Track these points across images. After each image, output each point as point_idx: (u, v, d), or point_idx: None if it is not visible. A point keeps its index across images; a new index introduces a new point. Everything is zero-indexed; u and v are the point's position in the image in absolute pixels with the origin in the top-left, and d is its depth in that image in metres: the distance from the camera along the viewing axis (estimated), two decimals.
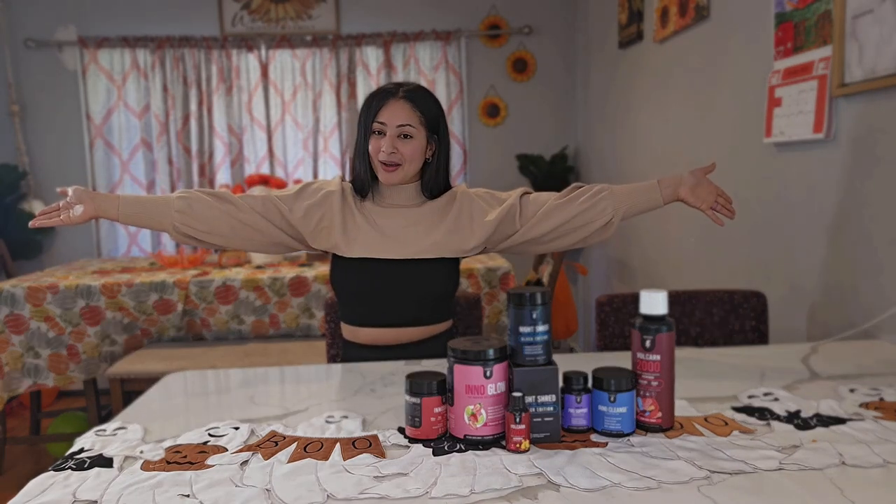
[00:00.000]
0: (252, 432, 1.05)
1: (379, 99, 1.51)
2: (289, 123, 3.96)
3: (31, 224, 1.39)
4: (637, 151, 3.14)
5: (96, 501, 0.85)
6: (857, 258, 1.67)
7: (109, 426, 1.10)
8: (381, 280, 1.52)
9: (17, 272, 3.53)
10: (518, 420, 0.94)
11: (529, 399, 0.97)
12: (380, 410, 1.14)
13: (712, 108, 2.40)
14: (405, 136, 1.49)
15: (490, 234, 1.52)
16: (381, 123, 1.49)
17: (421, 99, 1.52)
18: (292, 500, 0.83)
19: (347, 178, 1.64)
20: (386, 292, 1.53)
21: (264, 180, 2.89)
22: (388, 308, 1.54)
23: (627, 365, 1.05)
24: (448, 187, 1.61)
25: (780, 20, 1.92)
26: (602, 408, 1.00)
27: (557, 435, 0.98)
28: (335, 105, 3.94)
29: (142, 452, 0.99)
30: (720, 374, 1.30)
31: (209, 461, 0.95)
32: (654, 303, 1.01)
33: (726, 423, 1.04)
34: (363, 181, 1.56)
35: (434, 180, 1.57)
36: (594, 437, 1.00)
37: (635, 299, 1.73)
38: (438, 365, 1.37)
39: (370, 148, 1.52)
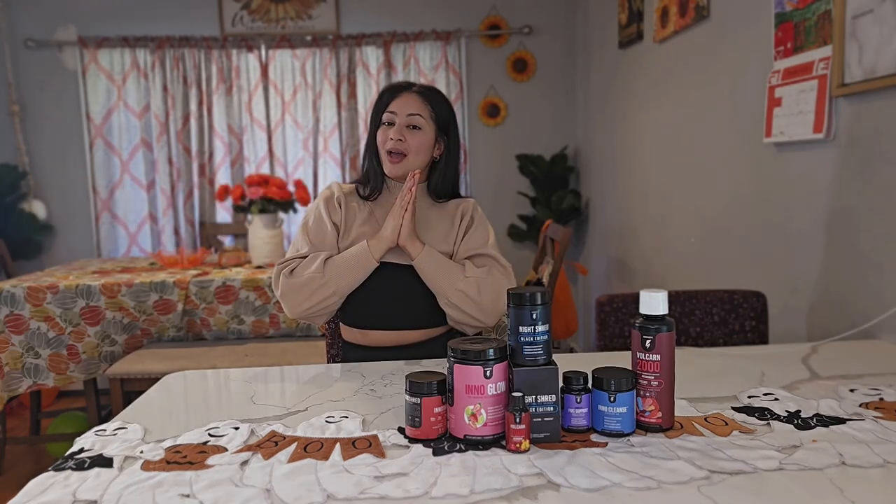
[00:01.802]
0: (252, 432, 1.05)
1: (392, 92, 1.53)
2: (289, 123, 3.96)
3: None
4: (637, 151, 3.14)
5: (96, 501, 0.85)
6: (857, 258, 1.67)
7: (109, 426, 1.09)
8: (383, 284, 1.52)
9: (17, 272, 3.53)
10: (518, 420, 0.94)
11: (529, 399, 0.97)
12: (380, 410, 1.14)
13: (712, 108, 2.40)
14: (414, 127, 1.50)
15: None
16: (392, 113, 1.51)
17: (434, 97, 1.54)
18: (292, 500, 0.83)
19: (347, 179, 1.65)
20: (388, 296, 1.53)
21: (264, 180, 2.88)
22: (389, 311, 1.54)
23: (627, 365, 1.05)
24: (457, 194, 1.61)
25: (780, 20, 1.92)
26: (602, 408, 1.00)
27: (557, 435, 0.98)
28: (335, 105, 3.94)
29: (142, 452, 0.99)
30: (720, 374, 1.30)
31: (209, 461, 0.95)
32: (654, 303, 1.01)
33: (726, 423, 1.04)
34: (373, 176, 1.56)
35: (442, 182, 1.57)
36: (594, 437, 1.00)
37: (635, 299, 1.73)
38: (438, 365, 1.37)
39: (378, 139, 1.52)
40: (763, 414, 1.08)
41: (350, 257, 1.48)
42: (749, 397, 1.16)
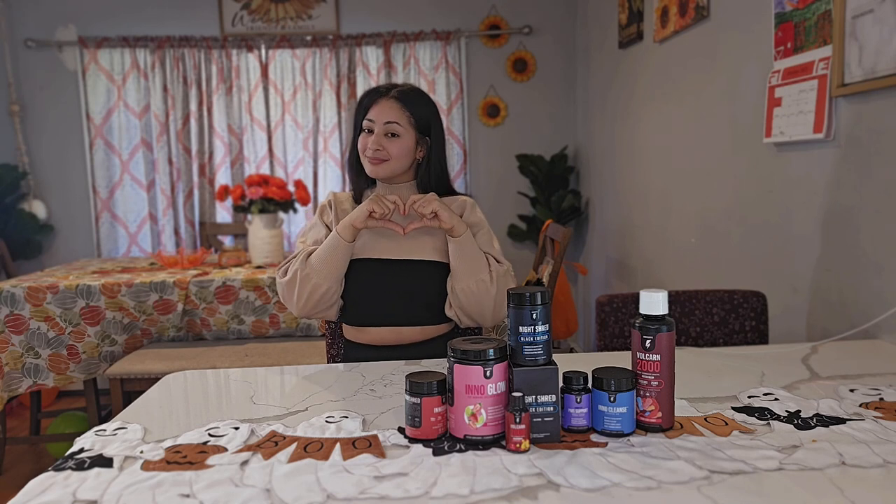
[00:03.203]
0: (252, 432, 1.05)
1: (370, 98, 1.55)
2: (289, 123, 3.96)
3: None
4: (637, 151, 3.14)
5: (96, 501, 0.85)
6: (857, 258, 1.67)
7: (109, 426, 1.09)
8: (383, 281, 1.53)
9: (17, 272, 3.53)
10: (518, 420, 0.94)
11: (529, 399, 0.97)
12: (380, 410, 1.14)
13: (712, 108, 2.40)
14: (392, 135, 1.52)
15: None
16: (370, 121, 1.53)
17: (412, 100, 1.54)
18: (292, 500, 0.83)
19: (348, 188, 1.69)
20: (388, 293, 1.54)
21: (264, 180, 2.89)
22: (390, 309, 1.54)
23: (627, 365, 1.05)
24: (451, 189, 1.62)
25: (780, 20, 1.92)
26: (602, 408, 1.00)
27: (557, 435, 0.98)
28: (335, 105, 3.94)
29: (142, 452, 0.99)
30: (720, 374, 1.30)
31: (209, 461, 0.95)
32: (654, 303, 1.01)
33: (726, 423, 1.04)
34: (360, 185, 1.61)
35: (428, 179, 1.58)
36: (594, 437, 1.00)
37: (635, 299, 1.73)
38: (438, 365, 1.37)
39: (359, 145, 1.55)
40: (763, 414, 1.08)
41: (325, 243, 1.52)
42: (749, 397, 1.16)
